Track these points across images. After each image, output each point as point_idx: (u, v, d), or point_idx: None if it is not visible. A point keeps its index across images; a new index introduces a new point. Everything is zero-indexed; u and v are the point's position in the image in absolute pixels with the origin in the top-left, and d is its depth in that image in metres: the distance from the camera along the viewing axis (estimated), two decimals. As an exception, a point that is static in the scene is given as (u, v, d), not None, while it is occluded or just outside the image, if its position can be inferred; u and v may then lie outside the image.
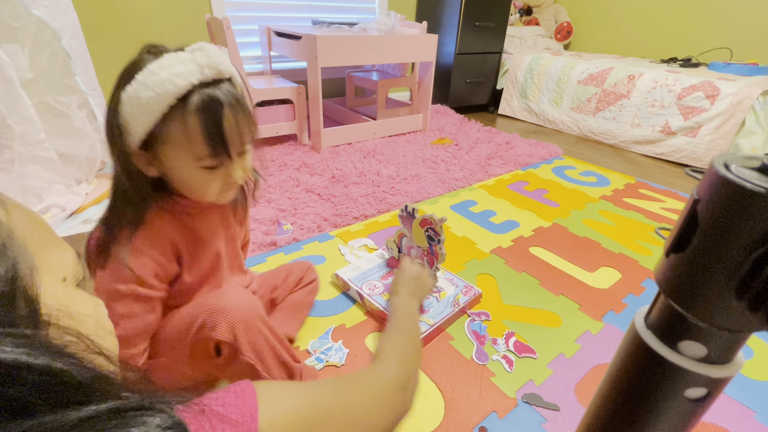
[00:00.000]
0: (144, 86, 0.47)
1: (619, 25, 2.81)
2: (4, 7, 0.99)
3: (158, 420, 0.20)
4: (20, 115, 1.00)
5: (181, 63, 0.48)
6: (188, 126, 0.49)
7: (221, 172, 0.54)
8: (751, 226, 0.22)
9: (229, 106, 0.51)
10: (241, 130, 0.53)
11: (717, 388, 0.29)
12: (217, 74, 0.50)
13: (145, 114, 0.48)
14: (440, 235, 0.87)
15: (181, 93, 0.47)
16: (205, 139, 0.50)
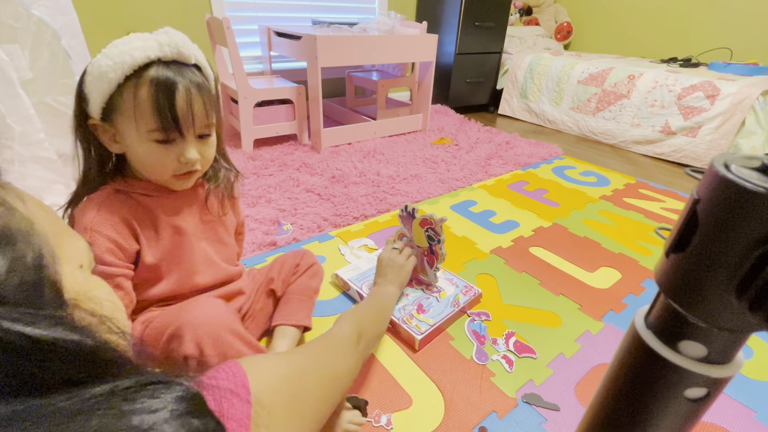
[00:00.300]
0: (105, 56, 0.51)
1: (619, 25, 2.81)
2: (4, 7, 0.99)
3: (178, 391, 0.22)
4: (20, 115, 1.00)
5: (141, 40, 0.51)
6: (139, 96, 0.51)
7: (175, 149, 0.56)
8: (751, 226, 0.22)
9: (184, 85, 0.53)
10: (195, 112, 0.54)
11: (717, 388, 0.29)
12: (177, 55, 0.53)
13: (102, 82, 0.51)
14: (440, 235, 0.87)
15: (137, 64, 0.50)
16: (153, 110, 0.52)
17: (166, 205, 0.62)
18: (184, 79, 0.53)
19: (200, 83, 0.55)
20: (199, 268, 0.66)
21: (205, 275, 0.67)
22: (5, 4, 0.99)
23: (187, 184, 0.61)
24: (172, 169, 0.57)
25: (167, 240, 0.62)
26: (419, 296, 0.91)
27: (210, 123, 0.58)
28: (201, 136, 0.58)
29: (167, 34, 0.53)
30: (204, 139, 0.59)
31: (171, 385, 0.22)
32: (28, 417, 0.17)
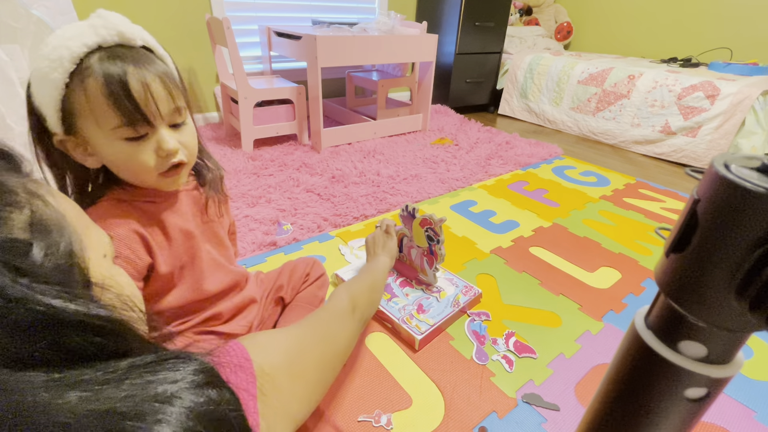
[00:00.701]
0: (41, 57, 0.44)
1: (619, 25, 2.81)
2: (4, 7, 0.99)
3: (195, 365, 0.24)
4: (20, 115, 1.00)
5: (73, 28, 0.45)
6: (89, 91, 0.45)
7: (149, 143, 0.49)
8: (751, 226, 0.22)
9: (134, 66, 0.46)
10: (156, 95, 0.48)
11: (717, 388, 0.29)
12: (119, 37, 0.47)
13: (48, 86, 0.45)
14: (440, 236, 0.87)
15: (78, 56, 0.44)
16: (110, 105, 0.45)
17: (172, 209, 0.59)
18: (134, 63, 0.47)
19: (153, 61, 0.49)
20: (207, 273, 0.64)
21: (213, 280, 0.65)
22: (5, 4, 0.99)
23: (179, 182, 0.55)
24: (154, 166, 0.50)
25: (179, 246, 0.59)
26: (419, 296, 0.91)
27: (179, 107, 0.51)
28: (174, 125, 0.52)
29: (100, 16, 0.47)
30: (179, 127, 0.52)
31: (188, 359, 0.24)
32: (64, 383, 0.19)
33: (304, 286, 0.83)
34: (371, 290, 0.68)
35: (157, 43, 0.52)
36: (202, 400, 0.22)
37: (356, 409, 0.69)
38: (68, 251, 0.24)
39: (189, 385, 0.22)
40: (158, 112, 0.48)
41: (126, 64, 0.46)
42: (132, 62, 0.46)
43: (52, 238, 0.23)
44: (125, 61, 0.46)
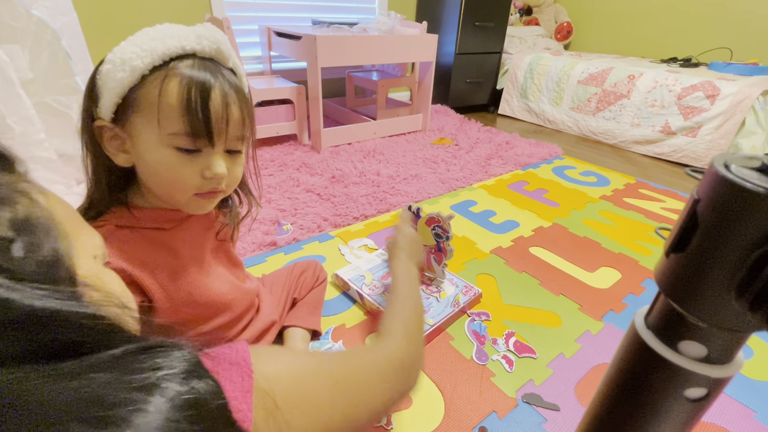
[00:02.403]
0: (131, 42, 0.43)
1: (619, 25, 2.81)
2: (4, 7, 0.99)
3: (179, 354, 0.24)
4: (20, 115, 1.00)
5: (178, 29, 0.44)
6: (168, 90, 0.43)
7: (199, 161, 0.46)
8: (751, 226, 0.22)
9: (222, 88, 0.45)
10: (231, 119, 0.46)
11: (717, 388, 0.29)
12: (216, 52, 0.46)
13: (124, 71, 0.42)
14: (448, 232, 0.88)
15: (170, 54, 0.43)
16: (182, 110, 0.43)
17: (181, 236, 0.54)
18: (224, 80, 0.45)
19: (239, 88, 0.48)
20: (223, 297, 0.61)
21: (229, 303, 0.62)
22: (5, 4, 0.99)
23: (207, 207, 0.52)
24: (193, 185, 0.47)
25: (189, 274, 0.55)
26: (419, 296, 0.91)
27: (244, 135, 0.49)
28: (230, 151, 0.49)
29: (207, 27, 0.46)
30: (233, 155, 0.50)
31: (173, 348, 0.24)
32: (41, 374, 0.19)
33: (316, 285, 0.86)
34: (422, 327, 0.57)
35: (242, 69, 0.51)
36: (185, 389, 0.22)
37: (356, 409, 0.69)
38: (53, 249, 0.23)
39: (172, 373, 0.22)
40: (225, 133, 0.47)
41: (215, 78, 0.45)
42: (221, 78, 0.45)
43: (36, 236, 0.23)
44: (215, 75, 0.45)
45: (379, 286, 0.93)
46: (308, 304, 0.83)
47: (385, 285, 0.94)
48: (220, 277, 0.61)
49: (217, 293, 0.60)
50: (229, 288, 0.62)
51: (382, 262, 1.02)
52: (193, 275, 0.56)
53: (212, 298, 0.59)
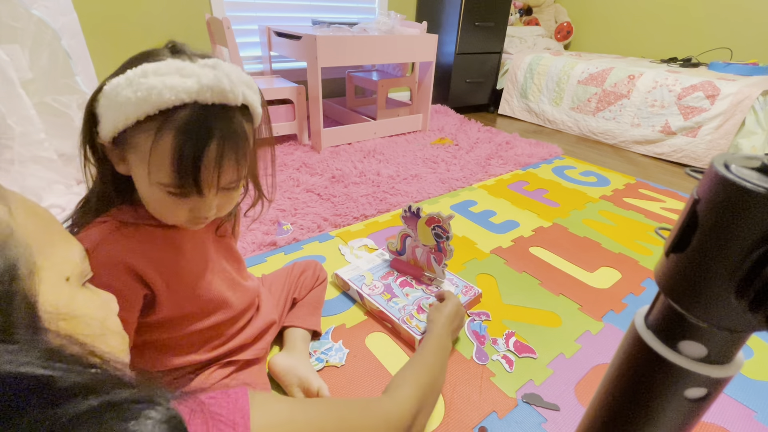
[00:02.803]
0: (128, 84, 0.41)
1: (619, 25, 2.81)
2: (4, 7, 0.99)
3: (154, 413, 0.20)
4: (20, 115, 1.00)
5: (180, 75, 0.41)
6: (160, 144, 0.42)
7: (189, 203, 0.47)
8: (751, 226, 0.22)
9: (219, 138, 0.43)
10: (224, 171, 0.45)
11: (717, 388, 0.29)
12: (221, 100, 0.43)
13: (118, 112, 0.42)
14: (448, 232, 0.88)
15: (165, 106, 0.41)
16: (173, 167, 0.42)
17: (187, 234, 0.55)
18: (221, 131, 0.43)
19: (239, 133, 0.45)
20: (225, 292, 0.62)
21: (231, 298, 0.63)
22: (5, 4, 0.99)
23: (198, 227, 0.53)
24: (183, 219, 0.49)
25: (191, 268, 0.56)
26: (419, 296, 0.91)
27: (239, 177, 0.48)
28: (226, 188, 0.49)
29: (215, 70, 0.42)
30: (228, 191, 0.49)
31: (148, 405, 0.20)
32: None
33: (316, 284, 0.86)
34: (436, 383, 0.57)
35: (257, 98, 0.48)
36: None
37: (356, 409, 0.69)
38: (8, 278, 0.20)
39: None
40: (216, 185, 0.46)
41: (213, 132, 0.43)
42: (218, 135, 0.43)
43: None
44: (214, 129, 0.43)
45: (379, 286, 0.93)
46: (308, 304, 0.83)
47: (384, 285, 0.94)
48: (221, 274, 0.62)
49: (219, 289, 0.61)
50: (230, 285, 0.63)
51: (382, 262, 1.02)
52: (195, 271, 0.57)
53: (214, 294, 0.60)
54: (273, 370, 0.71)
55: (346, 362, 0.78)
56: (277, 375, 0.70)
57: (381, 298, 0.89)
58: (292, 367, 0.69)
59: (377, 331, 0.86)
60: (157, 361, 0.58)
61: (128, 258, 0.48)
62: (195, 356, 0.60)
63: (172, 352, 0.58)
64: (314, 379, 0.67)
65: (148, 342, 0.57)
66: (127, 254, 0.48)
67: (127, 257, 0.48)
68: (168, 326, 0.57)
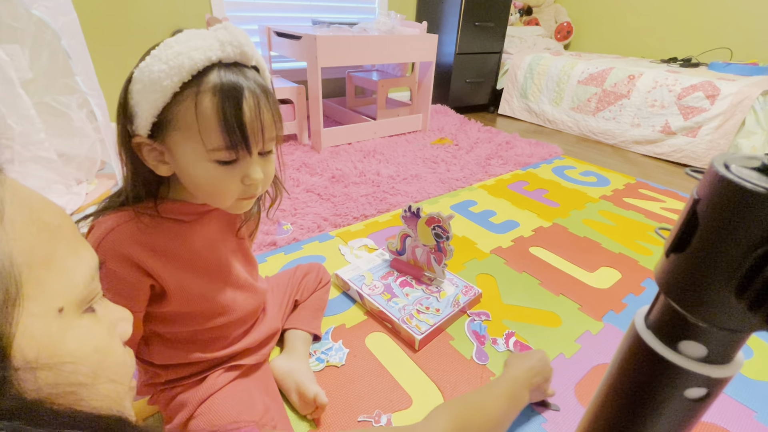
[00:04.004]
0: (157, 59, 0.42)
1: (619, 25, 2.81)
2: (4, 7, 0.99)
3: None
4: (20, 115, 1.00)
5: (200, 38, 0.43)
6: (202, 108, 0.43)
7: (238, 170, 0.47)
8: (751, 226, 0.22)
9: (252, 93, 0.45)
10: (264, 124, 0.47)
11: (717, 388, 0.29)
12: (240, 55, 0.45)
13: (155, 91, 0.42)
14: (448, 232, 0.88)
15: (197, 68, 0.42)
16: (220, 126, 0.44)
17: (202, 232, 0.55)
18: (252, 85, 0.45)
19: (265, 87, 0.47)
20: (237, 296, 0.62)
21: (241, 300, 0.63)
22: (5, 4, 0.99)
23: (247, 207, 0.53)
24: (235, 192, 0.49)
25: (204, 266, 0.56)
26: (419, 296, 0.91)
27: (277, 135, 0.50)
28: (263, 153, 0.50)
29: (227, 30, 0.44)
30: (266, 156, 0.50)
31: None
32: None
33: (319, 287, 0.86)
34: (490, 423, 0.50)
35: (265, 64, 0.50)
36: None
37: (356, 409, 0.69)
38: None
39: None
40: (262, 140, 0.47)
41: (245, 86, 0.44)
42: (249, 87, 0.45)
43: None
44: (244, 82, 0.44)
45: (379, 286, 0.93)
46: (311, 307, 0.83)
47: (384, 285, 0.94)
48: (234, 275, 0.62)
49: (229, 290, 0.61)
50: (241, 286, 0.64)
51: (382, 262, 1.02)
52: (206, 269, 0.57)
53: (223, 295, 0.60)
54: (273, 373, 0.71)
55: (346, 362, 0.78)
56: (276, 378, 0.70)
57: (381, 298, 0.89)
58: (291, 371, 0.69)
59: (377, 331, 0.86)
60: (162, 354, 0.58)
61: (132, 248, 0.48)
62: (200, 354, 0.60)
63: (177, 348, 0.59)
64: (311, 385, 0.66)
65: (156, 334, 0.57)
66: (131, 245, 0.48)
67: (130, 248, 0.48)
68: (175, 321, 0.57)
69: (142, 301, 0.52)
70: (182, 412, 0.57)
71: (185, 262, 0.54)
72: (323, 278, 0.87)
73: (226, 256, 0.60)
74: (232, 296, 0.62)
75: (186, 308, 0.56)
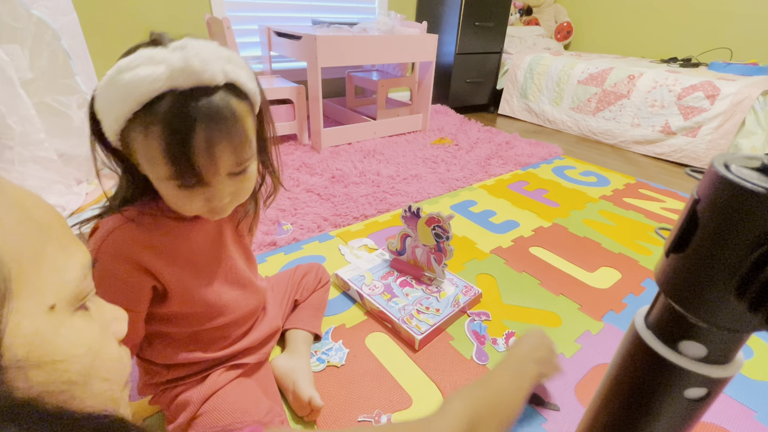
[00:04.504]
0: (108, 84, 0.41)
1: (619, 25, 2.81)
2: (4, 7, 0.99)
3: None
4: (20, 115, 1.00)
5: (151, 63, 0.40)
6: (150, 140, 0.41)
7: (202, 192, 0.46)
8: (751, 226, 0.22)
9: (207, 122, 0.41)
10: (219, 156, 0.43)
11: (717, 388, 0.29)
12: (196, 81, 0.41)
13: (110, 114, 0.42)
14: (448, 232, 0.88)
15: (144, 100, 0.40)
16: (166, 159, 0.42)
17: (204, 229, 0.55)
18: (204, 115, 0.41)
19: (226, 114, 0.43)
20: (238, 294, 0.62)
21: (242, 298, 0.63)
22: (5, 4, 0.99)
23: (221, 216, 0.51)
24: (200, 210, 0.48)
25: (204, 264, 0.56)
26: (419, 296, 0.91)
27: (244, 159, 0.47)
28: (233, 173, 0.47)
29: (183, 50, 0.40)
30: (239, 175, 0.48)
31: None
32: None
33: (318, 287, 0.86)
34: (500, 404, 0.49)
35: (244, 74, 0.45)
36: None
37: (356, 409, 0.69)
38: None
39: None
40: (217, 171, 0.45)
41: (195, 118, 0.41)
42: (202, 119, 0.41)
43: None
44: (194, 119, 0.41)
45: (379, 286, 0.93)
46: (311, 307, 0.83)
47: (384, 285, 0.94)
48: (235, 273, 0.62)
49: (230, 289, 0.61)
50: (243, 284, 0.64)
51: (382, 262, 1.02)
52: (208, 268, 0.57)
53: (224, 294, 0.60)
54: (273, 372, 0.71)
55: (346, 362, 0.78)
56: (276, 377, 0.70)
57: (381, 298, 0.89)
58: (291, 371, 0.69)
59: (377, 331, 0.86)
60: (163, 353, 0.58)
61: (134, 249, 0.48)
62: (201, 354, 0.60)
63: (179, 347, 0.59)
64: (306, 388, 0.65)
65: (157, 333, 0.57)
66: (133, 246, 0.48)
67: (133, 249, 0.48)
68: (177, 321, 0.57)
69: (145, 302, 0.52)
70: (185, 411, 0.57)
71: (186, 261, 0.54)
72: (323, 278, 0.87)
73: (227, 253, 0.61)
74: (233, 295, 0.62)
75: (187, 308, 0.57)
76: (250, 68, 0.47)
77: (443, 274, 0.95)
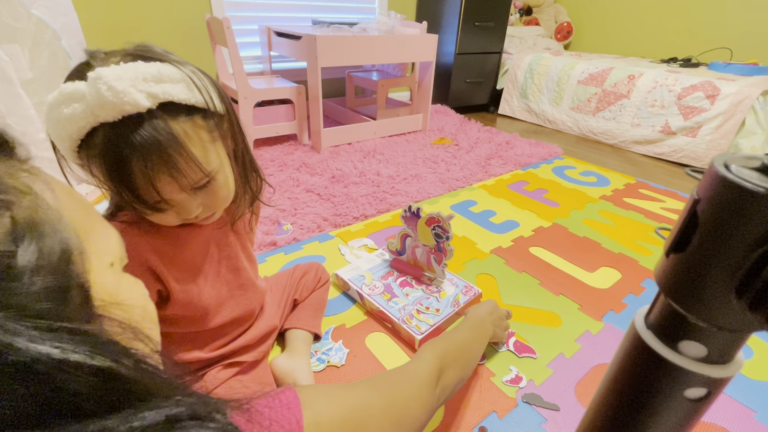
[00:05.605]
0: (48, 121, 0.41)
1: (619, 25, 2.81)
2: (4, 7, 0.99)
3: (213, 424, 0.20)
4: (20, 115, 1.00)
5: (71, 101, 0.39)
6: (96, 171, 0.42)
7: (168, 209, 0.46)
8: (751, 226, 0.22)
9: (140, 153, 0.40)
10: (160, 181, 0.42)
11: (717, 388, 0.29)
12: (120, 113, 0.39)
13: (60, 146, 0.42)
14: (448, 232, 0.88)
15: (78, 137, 0.40)
16: (114, 190, 0.42)
17: (203, 232, 0.55)
18: (139, 147, 0.39)
19: (160, 139, 0.40)
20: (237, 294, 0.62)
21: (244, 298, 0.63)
22: (5, 4, 0.99)
23: (211, 221, 0.52)
24: (177, 222, 0.48)
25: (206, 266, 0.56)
26: (419, 296, 0.91)
27: (199, 177, 0.44)
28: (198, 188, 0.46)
29: (96, 83, 0.38)
30: (205, 188, 0.46)
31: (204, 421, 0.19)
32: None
33: (318, 286, 0.86)
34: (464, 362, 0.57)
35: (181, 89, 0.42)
36: None
37: (356, 409, 0.69)
38: (64, 263, 0.19)
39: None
40: (171, 194, 0.44)
41: (129, 153, 0.39)
42: (136, 148, 0.39)
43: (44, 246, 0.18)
44: (128, 148, 0.39)
45: (379, 286, 0.93)
46: (311, 306, 0.83)
47: (384, 285, 0.94)
48: (234, 273, 0.62)
49: (228, 290, 0.61)
50: (242, 284, 0.64)
51: (382, 262, 1.02)
52: (206, 270, 0.57)
53: (225, 294, 0.61)
54: (273, 371, 0.71)
55: (346, 362, 0.78)
56: (276, 377, 0.70)
57: (381, 298, 0.89)
58: (291, 371, 0.69)
59: (377, 331, 0.86)
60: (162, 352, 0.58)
61: (144, 252, 0.49)
62: (199, 353, 0.60)
63: (178, 347, 0.59)
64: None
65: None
66: (143, 249, 0.49)
67: (143, 251, 0.49)
68: (176, 322, 0.57)
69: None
70: None
71: (188, 265, 0.55)
72: (322, 277, 0.87)
73: (227, 254, 0.61)
74: (233, 296, 0.62)
75: (186, 310, 0.57)
76: (195, 78, 0.44)
77: (443, 274, 0.95)
